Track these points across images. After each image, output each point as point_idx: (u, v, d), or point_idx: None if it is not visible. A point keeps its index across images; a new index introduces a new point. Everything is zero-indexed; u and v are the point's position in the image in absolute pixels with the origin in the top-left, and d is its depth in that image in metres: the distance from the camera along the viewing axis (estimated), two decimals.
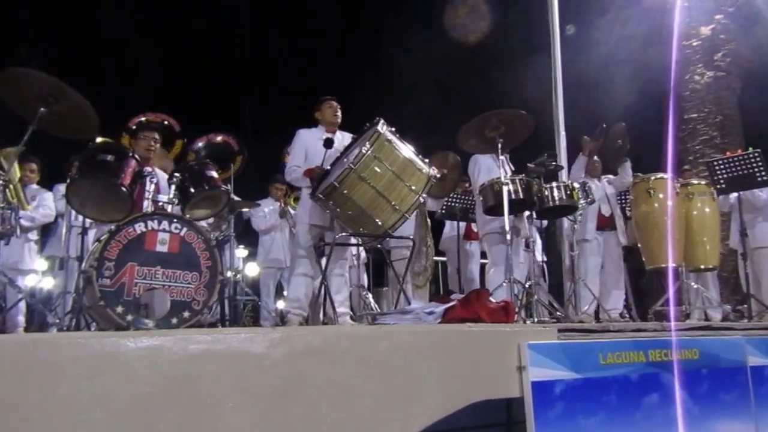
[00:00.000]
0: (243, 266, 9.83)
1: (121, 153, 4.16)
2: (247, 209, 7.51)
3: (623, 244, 6.79)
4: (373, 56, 15.44)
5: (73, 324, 4.07)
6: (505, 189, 4.99)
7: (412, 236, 5.64)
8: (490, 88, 11.80)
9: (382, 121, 4.53)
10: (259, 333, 2.54)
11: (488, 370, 2.96)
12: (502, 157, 5.20)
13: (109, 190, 4.02)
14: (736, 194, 6.29)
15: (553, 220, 6.63)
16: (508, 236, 4.94)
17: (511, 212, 5.13)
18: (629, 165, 6.56)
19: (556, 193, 5.43)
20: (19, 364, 2.13)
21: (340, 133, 5.29)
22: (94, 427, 2.16)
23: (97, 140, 4.73)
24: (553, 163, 5.65)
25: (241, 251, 9.47)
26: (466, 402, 2.84)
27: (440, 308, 3.59)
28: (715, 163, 6.18)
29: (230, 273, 6.53)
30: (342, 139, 5.19)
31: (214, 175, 4.62)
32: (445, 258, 8.29)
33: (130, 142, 5.41)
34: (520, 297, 5.28)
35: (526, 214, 5.71)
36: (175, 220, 3.74)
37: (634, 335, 3.54)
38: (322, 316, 4.96)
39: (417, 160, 4.54)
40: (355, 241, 5.21)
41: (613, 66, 11.13)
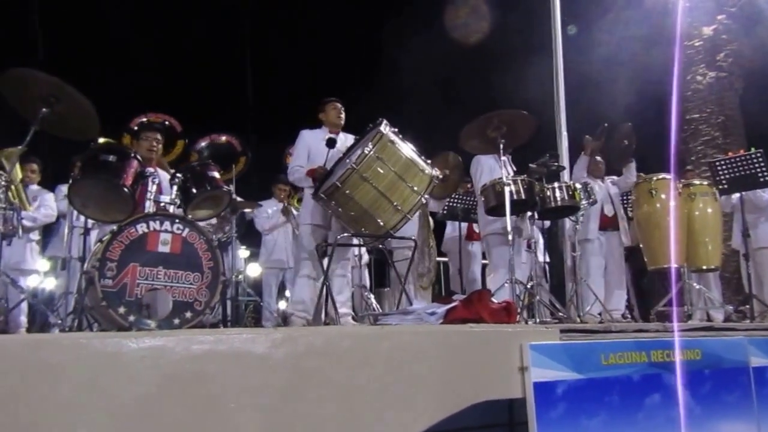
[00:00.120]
0: (245, 267, 9.83)
1: (123, 153, 4.16)
2: (249, 210, 7.52)
3: (626, 245, 6.79)
4: (375, 57, 15.44)
5: (75, 324, 4.08)
6: (507, 189, 4.99)
7: (414, 237, 5.63)
8: (492, 88, 11.79)
9: (385, 122, 4.53)
10: (261, 333, 2.54)
11: (490, 371, 2.96)
12: (504, 158, 5.20)
13: (111, 191, 4.03)
14: (738, 194, 6.28)
15: (555, 221, 6.63)
16: (510, 237, 4.94)
17: (513, 213, 5.13)
18: (634, 165, 6.55)
19: (557, 194, 5.43)
20: (21, 365, 2.13)
21: (343, 135, 5.30)
22: (96, 428, 2.16)
23: (99, 141, 4.74)
24: (555, 164, 5.65)
25: (242, 252, 9.48)
26: (468, 402, 2.84)
27: (442, 309, 3.59)
28: (717, 164, 6.17)
29: (233, 274, 6.54)
30: (345, 140, 5.20)
31: (216, 175, 4.62)
32: (446, 259, 8.29)
33: (132, 143, 5.42)
34: (522, 297, 5.28)
35: (528, 215, 5.70)
36: (177, 221, 3.74)
37: (637, 336, 3.54)
38: (324, 317, 4.96)
39: (419, 160, 4.54)
40: (357, 241, 5.21)
41: (615, 66, 11.11)
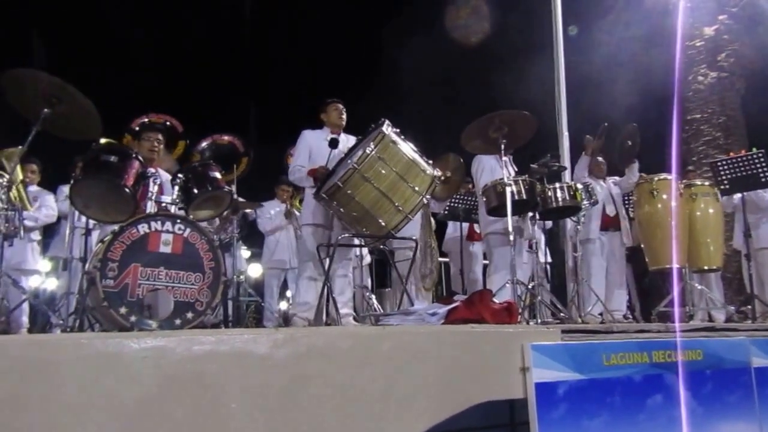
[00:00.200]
0: (246, 267, 9.84)
1: (125, 154, 4.16)
2: (250, 210, 7.52)
3: (627, 245, 6.78)
4: (376, 57, 15.46)
5: (77, 325, 4.08)
6: (508, 190, 4.98)
7: (415, 237, 5.63)
8: (493, 89, 11.79)
9: (387, 122, 4.53)
10: (263, 334, 2.54)
11: (491, 371, 2.95)
12: (506, 158, 5.19)
13: (113, 191, 4.03)
14: (739, 195, 6.28)
15: (557, 221, 6.62)
16: (511, 237, 4.94)
17: (514, 213, 5.13)
18: (637, 166, 6.55)
19: (559, 194, 5.42)
20: (22, 365, 2.13)
21: (344, 136, 5.31)
22: (98, 428, 2.16)
23: (101, 141, 4.74)
24: (556, 164, 5.65)
25: (243, 252, 9.49)
26: (469, 403, 2.84)
27: (443, 309, 3.59)
28: (718, 164, 6.16)
29: (234, 274, 6.54)
30: (346, 141, 5.20)
31: (217, 176, 4.62)
32: (448, 259, 8.29)
33: (133, 143, 5.42)
34: (523, 298, 5.27)
35: (529, 215, 5.70)
36: (179, 221, 3.74)
37: (638, 336, 3.53)
38: (325, 317, 4.96)
39: (421, 161, 4.54)
40: (358, 241, 5.21)
41: (616, 66, 11.12)
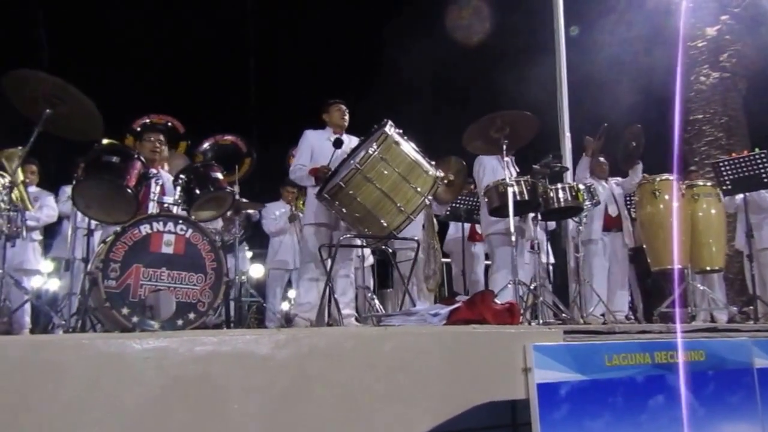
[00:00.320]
0: (248, 268, 9.84)
1: (127, 154, 4.16)
2: (252, 210, 7.52)
3: (629, 246, 6.78)
4: (377, 58, 15.45)
5: (79, 325, 4.08)
6: (510, 190, 4.98)
7: (417, 237, 5.63)
8: (495, 89, 11.78)
9: (390, 123, 4.53)
10: (265, 334, 2.55)
11: (493, 372, 2.96)
12: (507, 159, 5.19)
13: (115, 192, 4.02)
14: (742, 195, 6.27)
15: (559, 222, 6.62)
16: (513, 238, 4.94)
17: (516, 214, 5.13)
18: (641, 167, 6.55)
19: (561, 195, 5.42)
20: (24, 366, 2.13)
21: (346, 136, 5.31)
22: (100, 429, 2.16)
23: (103, 142, 4.74)
24: (558, 165, 5.64)
25: (247, 253, 9.49)
26: (471, 404, 2.84)
27: (445, 310, 3.59)
28: (720, 164, 6.16)
29: (237, 275, 6.55)
30: (348, 141, 5.20)
31: (219, 176, 4.62)
32: (449, 260, 8.29)
33: (135, 144, 5.42)
34: (525, 298, 5.27)
35: (531, 216, 5.70)
36: (181, 222, 3.74)
37: (640, 337, 3.53)
38: (327, 318, 4.96)
39: (423, 162, 4.54)
40: (360, 242, 5.21)
41: (618, 67, 11.11)
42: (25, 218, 5.04)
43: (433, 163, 4.64)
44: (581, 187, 5.57)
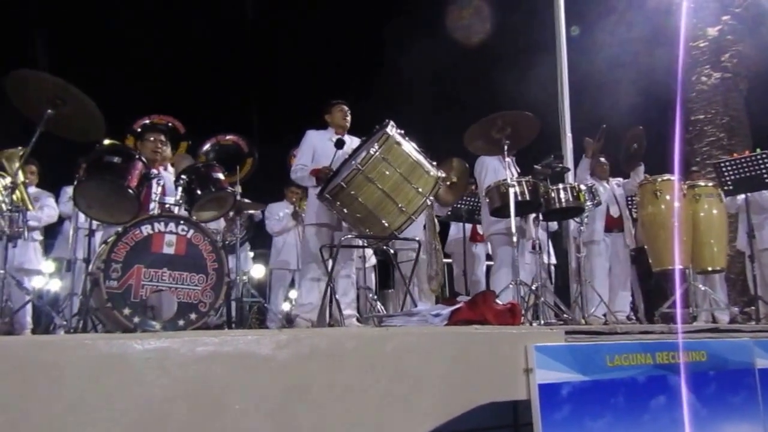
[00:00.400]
0: (249, 268, 9.83)
1: (128, 155, 4.16)
2: (254, 210, 7.51)
3: (631, 247, 6.78)
4: (378, 59, 15.45)
5: (80, 326, 4.08)
6: (512, 191, 4.98)
7: (419, 238, 5.63)
8: (496, 89, 11.78)
9: (391, 123, 4.53)
10: (266, 335, 2.55)
11: (495, 373, 2.95)
12: (508, 159, 5.19)
13: (116, 192, 4.02)
14: (743, 195, 6.27)
15: (561, 222, 6.62)
16: (514, 238, 4.94)
17: (518, 214, 5.13)
18: (642, 169, 6.54)
19: (562, 195, 5.42)
20: (26, 366, 2.13)
21: (348, 137, 5.31)
22: (101, 429, 2.16)
23: (105, 142, 4.75)
24: (560, 165, 5.64)
25: (249, 253, 9.48)
26: (472, 404, 2.84)
27: (447, 310, 3.59)
28: (722, 165, 6.15)
29: (239, 276, 6.54)
30: (350, 142, 5.21)
31: (221, 177, 4.62)
32: (450, 260, 8.28)
33: (136, 144, 5.42)
34: (526, 299, 5.27)
35: (532, 216, 5.70)
36: (182, 222, 3.74)
37: (642, 337, 3.53)
38: (328, 318, 4.96)
39: (425, 162, 4.53)
40: (361, 242, 5.21)
41: (620, 67, 11.10)
42: (26, 219, 5.05)
43: (435, 163, 4.64)
44: (582, 187, 5.56)
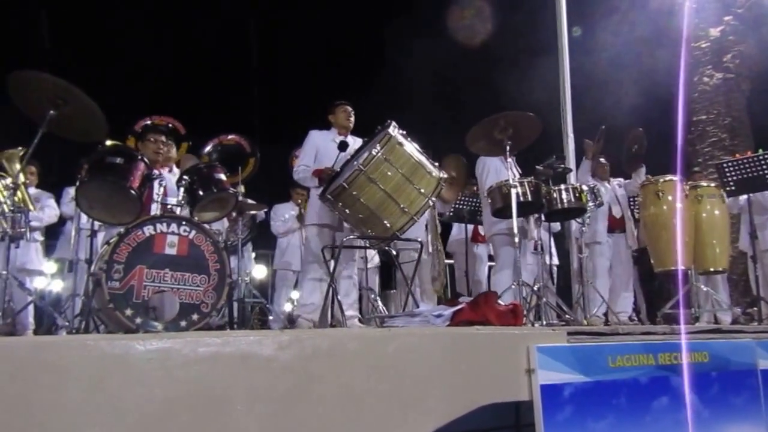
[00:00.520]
0: (251, 268, 9.83)
1: (130, 156, 4.16)
2: (256, 211, 7.51)
3: (633, 247, 6.77)
4: (380, 59, 15.45)
5: (82, 326, 4.08)
6: (514, 191, 4.98)
7: (421, 239, 5.63)
8: (497, 90, 11.77)
9: (393, 124, 4.53)
10: (268, 336, 2.55)
11: (497, 373, 2.95)
12: (510, 160, 5.19)
13: (118, 193, 4.02)
14: (745, 196, 6.26)
15: (564, 223, 6.61)
16: (516, 239, 4.93)
17: (520, 215, 5.12)
18: (644, 170, 6.54)
19: (564, 196, 5.42)
20: (28, 367, 2.14)
21: (351, 138, 5.32)
22: (103, 430, 2.16)
23: (107, 143, 4.75)
24: (562, 166, 5.63)
25: (250, 253, 9.47)
26: (474, 405, 2.84)
27: (448, 311, 3.59)
28: (724, 165, 6.14)
29: (241, 276, 6.54)
30: (353, 143, 5.22)
31: (223, 177, 4.62)
32: (452, 261, 8.28)
33: (137, 145, 5.42)
34: (528, 300, 5.26)
35: (534, 217, 5.69)
36: (184, 223, 3.74)
37: (644, 338, 3.53)
38: (330, 319, 4.96)
39: (427, 163, 4.54)
40: (363, 243, 5.21)
41: (622, 68, 11.10)
42: (29, 219, 5.05)
43: (437, 164, 4.64)
44: (584, 188, 5.56)
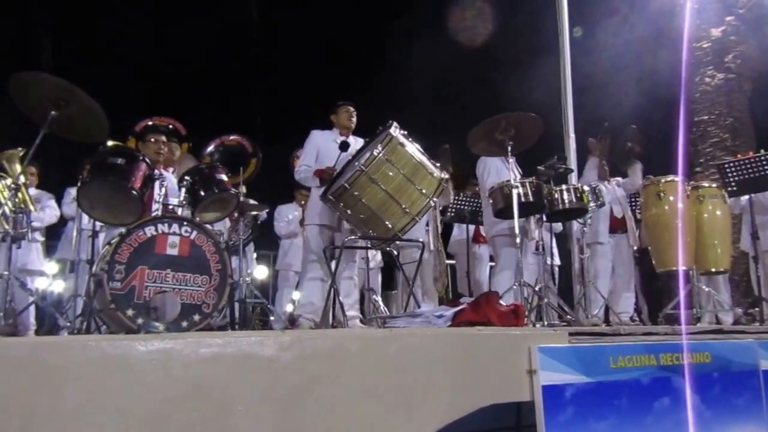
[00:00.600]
0: (252, 269, 9.83)
1: (132, 156, 4.17)
2: (257, 212, 7.51)
3: (634, 247, 6.76)
4: (380, 60, 15.43)
5: (84, 327, 4.09)
6: (515, 192, 4.97)
7: (422, 239, 5.63)
8: (499, 91, 11.77)
9: (395, 125, 4.53)
10: (270, 336, 2.55)
11: (498, 374, 2.95)
12: (511, 160, 5.19)
13: (120, 193, 4.03)
14: (747, 196, 6.25)
15: (566, 224, 6.61)
16: (518, 239, 4.93)
17: (521, 215, 5.12)
18: (639, 167, 6.52)
19: (565, 196, 5.41)
20: (30, 367, 2.14)
21: (353, 138, 5.32)
22: (105, 430, 2.16)
23: (108, 144, 4.75)
24: (563, 166, 5.63)
25: (252, 254, 9.47)
26: (476, 406, 2.83)
27: (450, 311, 3.58)
28: (726, 166, 6.13)
29: (242, 277, 6.53)
30: (354, 143, 5.22)
31: (224, 178, 4.63)
32: (453, 261, 8.27)
33: (137, 145, 5.43)
34: (530, 300, 5.26)
35: (536, 217, 5.68)
36: (186, 224, 3.74)
37: (645, 339, 3.52)
38: (331, 320, 4.96)
39: (428, 163, 4.54)
40: (364, 243, 5.21)
41: (623, 68, 11.09)
42: (30, 220, 5.05)
43: (438, 164, 4.64)
44: (586, 188, 5.56)
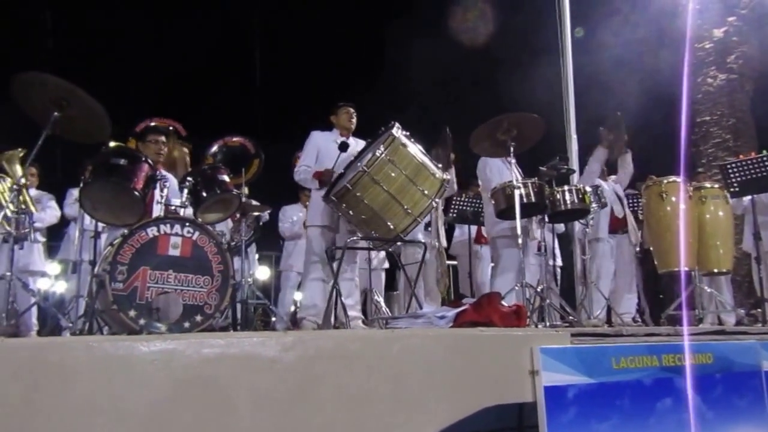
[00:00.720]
0: (254, 270, 9.83)
1: (134, 157, 4.17)
2: (259, 212, 7.51)
3: (635, 244, 6.75)
4: (382, 60, 15.44)
5: (86, 328, 4.08)
6: (517, 192, 4.97)
7: (424, 240, 5.63)
8: (501, 91, 11.76)
9: (397, 125, 4.54)
10: (272, 337, 2.55)
11: (500, 375, 2.95)
12: (512, 161, 5.19)
13: (122, 194, 4.04)
14: (749, 197, 6.24)
15: (568, 225, 6.60)
16: (520, 240, 4.93)
17: (523, 216, 5.11)
18: (630, 156, 6.51)
19: (567, 197, 5.41)
20: (32, 368, 2.14)
21: (353, 139, 5.32)
22: (107, 431, 2.17)
23: (111, 144, 4.76)
24: (565, 167, 5.63)
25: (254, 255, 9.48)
26: (478, 406, 2.83)
27: (452, 312, 3.59)
28: (728, 166, 6.12)
29: (243, 277, 6.54)
30: (355, 144, 5.22)
31: (226, 179, 4.64)
32: (455, 262, 8.27)
33: (138, 146, 5.43)
34: (531, 301, 5.26)
35: (538, 218, 5.68)
36: (188, 224, 3.75)
37: (648, 339, 3.52)
38: (333, 320, 4.96)
39: (430, 164, 4.54)
40: (366, 244, 5.21)
41: (625, 69, 11.08)
42: (32, 221, 5.06)
43: (440, 165, 4.64)
44: (588, 189, 5.56)
